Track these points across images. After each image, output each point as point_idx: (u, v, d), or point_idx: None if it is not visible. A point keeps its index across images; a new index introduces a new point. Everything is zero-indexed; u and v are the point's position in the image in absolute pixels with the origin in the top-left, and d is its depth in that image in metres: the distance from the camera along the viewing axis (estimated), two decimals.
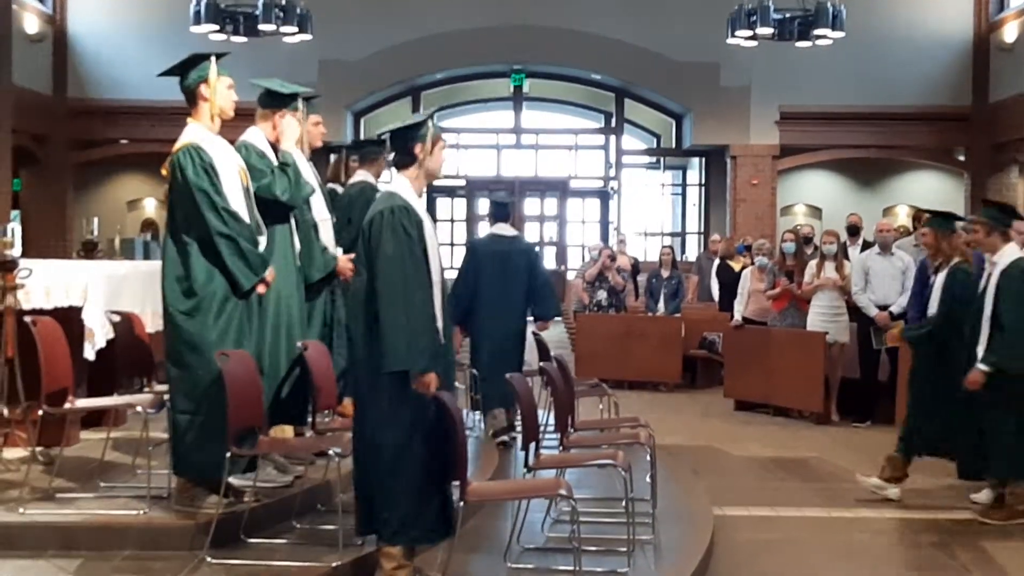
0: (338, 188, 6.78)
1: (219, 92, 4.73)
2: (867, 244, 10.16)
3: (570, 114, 20.18)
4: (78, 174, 17.65)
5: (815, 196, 19.51)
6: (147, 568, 4.32)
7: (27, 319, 4.93)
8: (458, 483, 4.14)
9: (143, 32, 16.14)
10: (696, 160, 19.61)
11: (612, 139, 19.07)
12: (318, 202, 5.46)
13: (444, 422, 4.14)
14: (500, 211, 7.70)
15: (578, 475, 5.86)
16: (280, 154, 5.08)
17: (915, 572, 5.18)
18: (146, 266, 6.93)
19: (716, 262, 12.55)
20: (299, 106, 5.21)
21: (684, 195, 20.40)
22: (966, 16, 16.95)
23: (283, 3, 13.14)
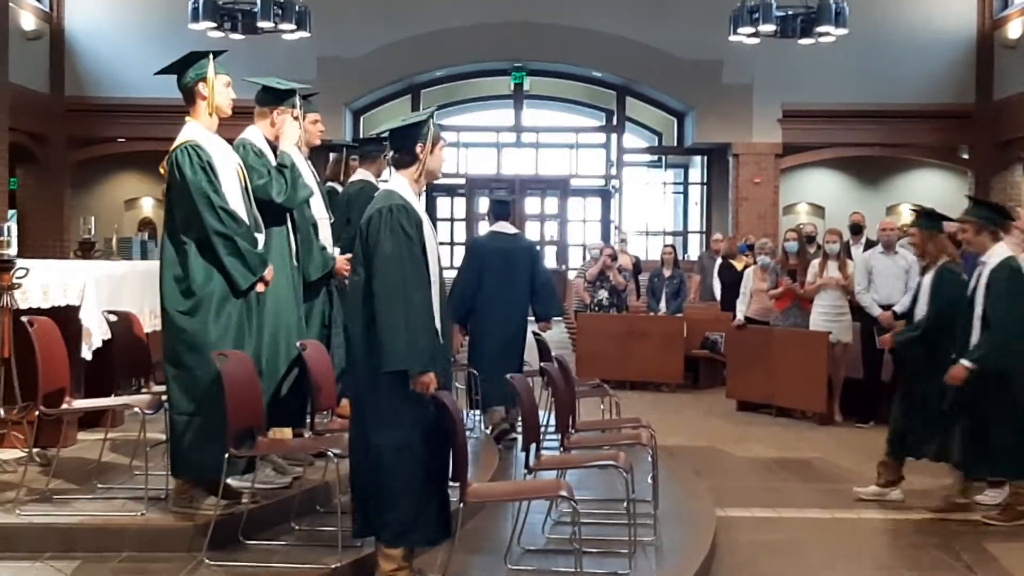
0: (337, 187, 6.76)
1: (217, 90, 4.71)
2: (870, 243, 10.13)
3: (571, 112, 20.15)
4: (75, 173, 17.64)
5: (818, 195, 19.48)
6: (145, 570, 4.30)
7: (24, 319, 4.89)
8: (458, 484, 4.10)
9: (141, 30, 16.13)
10: (698, 158, 19.59)
11: (613, 137, 19.05)
12: (316, 201, 5.44)
13: (444, 423, 4.11)
14: (501, 209, 7.65)
15: (579, 476, 5.84)
16: (279, 155, 5.05)
17: (918, 573, 5.15)
18: (144, 266, 6.92)
19: (718, 261, 12.52)
20: (296, 103, 5.18)
21: (686, 194, 20.38)
22: (970, 13, 16.93)
23: (281, 0, 13.12)
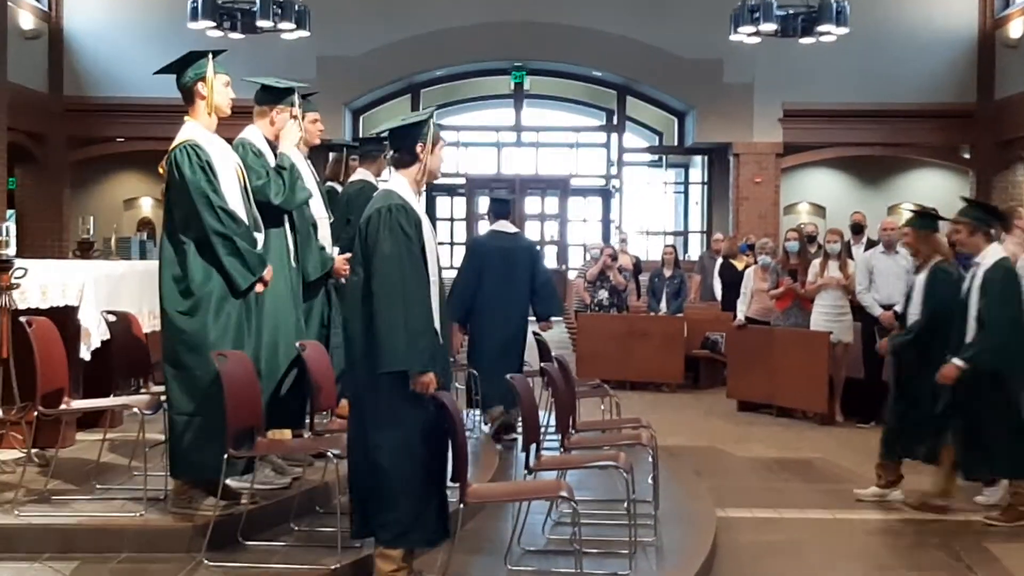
0: (337, 187, 6.75)
1: (216, 90, 4.70)
2: (871, 243, 10.11)
3: (571, 111, 20.14)
4: (74, 172, 17.62)
5: (819, 194, 19.46)
6: (144, 571, 4.29)
7: (22, 319, 4.88)
8: (458, 484, 4.09)
9: (140, 29, 16.12)
10: (699, 158, 19.57)
11: (614, 137, 19.03)
12: (316, 201, 5.43)
13: (443, 423, 4.10)
14: (501, 208, 7.64)
15: (579, 476, 5.82)
16: (278, 156, 5.03)
17: (918, 573, 5.14)
18: (143, 266, 6.90)
19: (719, 261, 12.50)
20: (296, 101, 5.16)
21: (686, 193, 20.36)
22: (971, 12, 16.90)
23: (281, 0, 13.11)
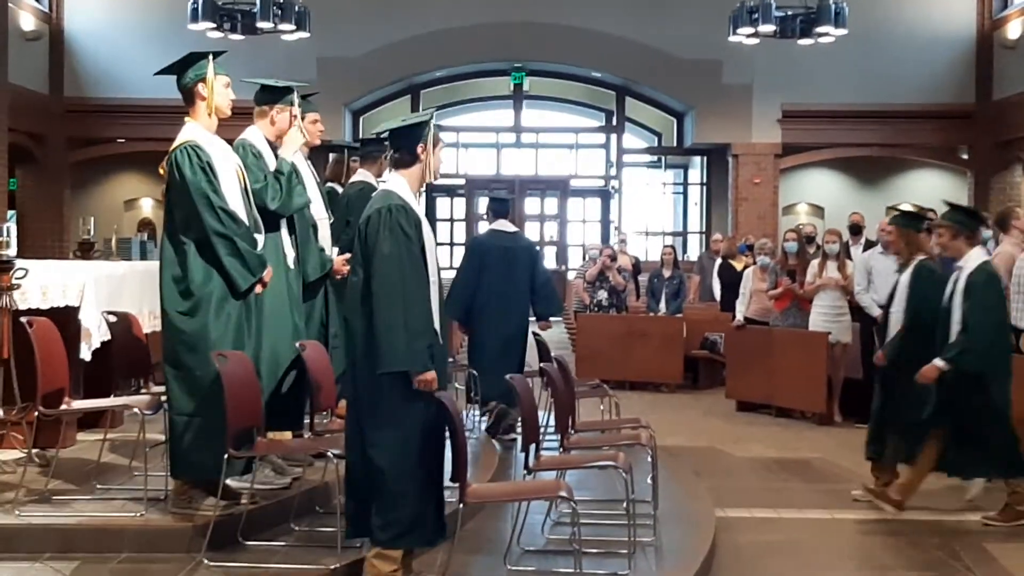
0: (338, 188, 6.76)
1: (217, 91, 4.70)
2: (870, 243, 10.12)
3: (571, 112, 20.14)
4: (75, 173, 17.63)
5: (817, 195, 19.47)
6: (144, 571, 4.30)
7: (23, 319, 4.89)
8: (458, 484, 4.09)
9: (140, 30, 16.13)
10: (698, 159, 19.58)
11: (613, 137, 19.03)
12: (316, 202, 5.43)
13: (442, 423, 4.10)
14: (500, 207, 7.66)
15: (579, 476, 5.83)
16: (278, 162, 5.03)
17: (918, 573, 5.14)
18: (143, 266, 6.91)
19: (718, 262, 12.51)
20: (295, 100, 5.17)
21: (685, 194, 20.37)
22: (969, 13, 16.92)
23: (281, 1, 13.12)
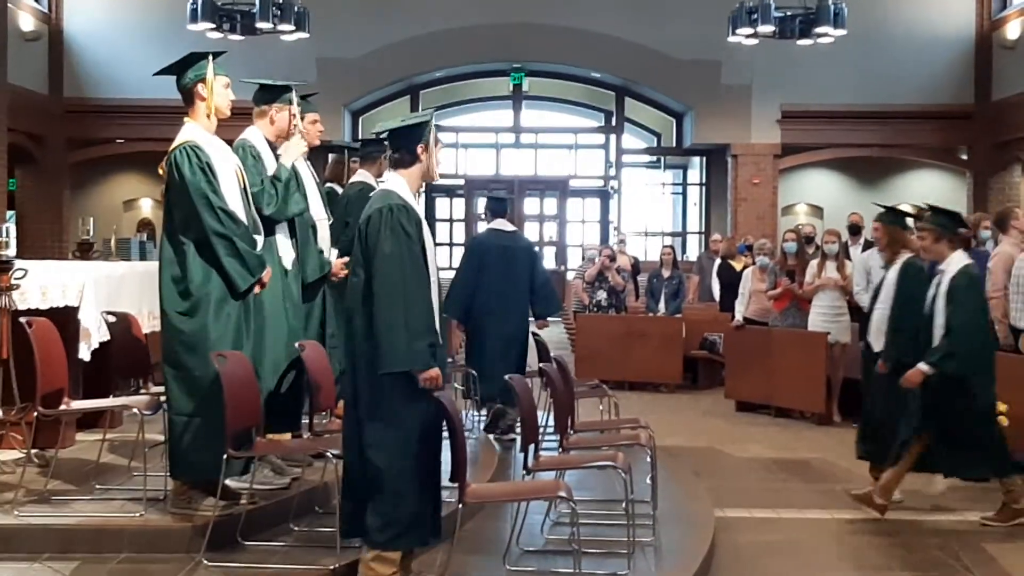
0: (337, 188, 6.76)
1: (216, 91, 4.71)
2: (869, 244, 10.10)
3: (570, 113, 20.15)
4: (74, 174, 17.61)
5: (816, 195, 19.47)
6: (144, 571, 4.30)
7: (22, 320, 4.89)
8: (457, 485, 4.09)
9: (139, 31, 16.12)
10: (697, 159, 19.57)
11: (612, 138, 19.03)
12: (315, 203, 5.42)
13: (441, 423, 4.10)
14: (498, 207, 7.68)
15: (578, 477, 5.83)
16: (277, 168, 5.02)
17: (916, 574, 5.14)
18: (142, 266, 6.91)
19: (717, 262, 12.52)
20: (293, 99, 5.17)
21: (685, 194, 20.37)
22: (968, 14, 16.92)
23: (280, 1, 13.12)
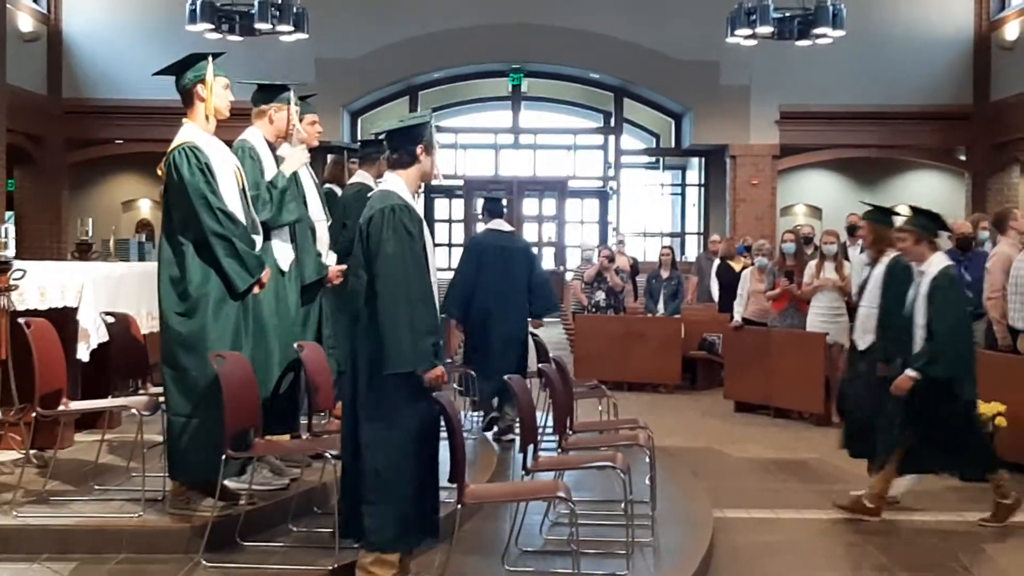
0: (336, 189, 6.76)
1: (216, 92, 4.71)
2: None
3: (569, 114, 20.15)
4: (73, 174, 17.60)
5: (815, 196, 19.48)
6: (142, 571, 4.30)
7: (21, 320, 4.89)
8: (456, 485, 4.09)
9: (138, 31, 16.12)
10: (695, 160, 19.58)
11: (611, 139, 19.03)
12: (314, 204, 5.43)
13: (439, 423, 4.10)
14: (495, 207, 7.70)
15: (577, 477, 5.83)
16: (275, 176, 5.02)
17: (916, 574, 5.14)
18: (141, 267, 6.90)
19: (716, 262, 12.52)
20: (292, 98, 5.17)
21: (683, 195, 20.37)
22: (967, 15, 16.93)
23: (279, 2, 13.13)
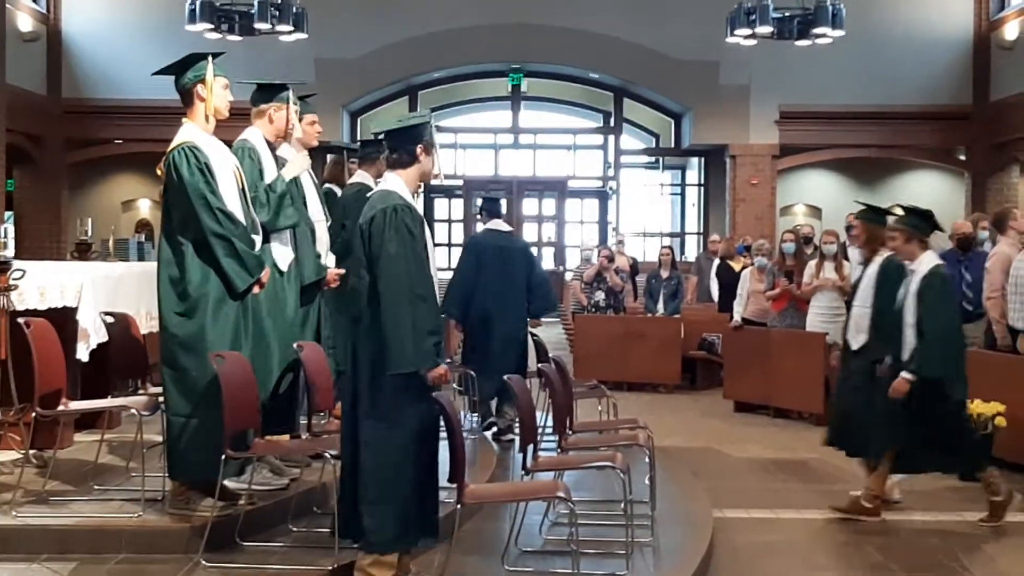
0: (336, 189, 6.76)
1: (215, 92, 4.71)
2: None
3: (568, 113, 20.15)
4: (72, 174, 17.60)
5: (815, 196, 19.48)
6: (142, 572, 4.30)
7: (20, 320, 4.89)
8: (456, 485, 4.09)
9: (137, 31, 16.12)
10: (695, 160, 19.58)
11: (611, 139, 19.04)
12: (313, 204, 5.43)
13: (439, 423, 4.10)
14: (494, 207, 7.71)
15: (576, 477, 5.83)
16: (275, 180, 5.02)
17: (915, 574, 5.14)
18: (141, 267, 6.90)
19: (716, 262, 12.52)
20: (290, 97, 5.17)
21: (683, 195, 20.38)
22: (967, 15, 16.93)
23: (279, 2, 13.13)
